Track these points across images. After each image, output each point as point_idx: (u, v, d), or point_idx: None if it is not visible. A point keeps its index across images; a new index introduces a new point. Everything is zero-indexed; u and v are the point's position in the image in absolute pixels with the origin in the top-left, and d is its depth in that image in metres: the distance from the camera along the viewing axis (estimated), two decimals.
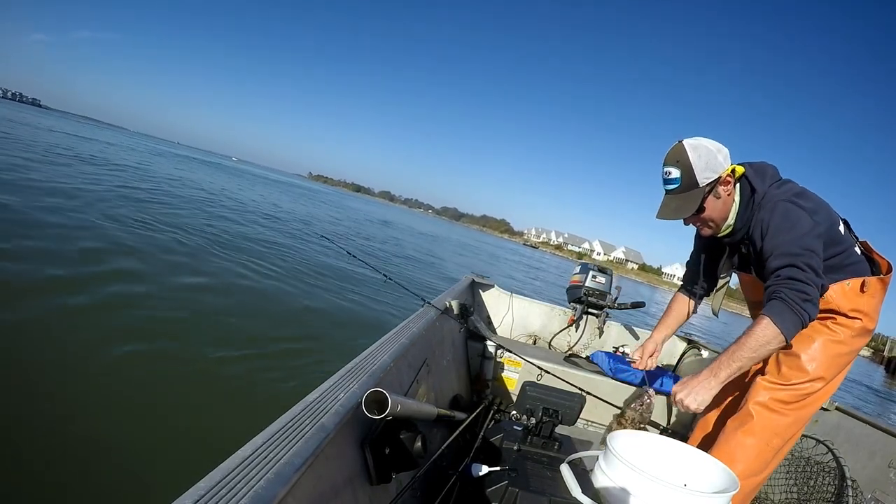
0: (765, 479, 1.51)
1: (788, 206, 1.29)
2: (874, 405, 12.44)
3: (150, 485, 1.98)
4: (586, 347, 2.98)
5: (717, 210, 1.40)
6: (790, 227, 1.27)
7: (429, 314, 1.75)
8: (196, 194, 11.80)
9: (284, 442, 0.68)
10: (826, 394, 1.47)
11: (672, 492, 0.96)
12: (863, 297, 1.41)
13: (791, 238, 1.25)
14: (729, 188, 1.38)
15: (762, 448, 1.44)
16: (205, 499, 0.53)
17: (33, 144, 12.83)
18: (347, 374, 0.97)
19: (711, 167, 1.34)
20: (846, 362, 1.48)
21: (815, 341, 1.45)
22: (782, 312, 1.21)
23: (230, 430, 2.41)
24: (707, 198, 1.37)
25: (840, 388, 1.54)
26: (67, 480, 1.92)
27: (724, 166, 1.36)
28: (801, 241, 1.24)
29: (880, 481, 1.69)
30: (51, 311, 3.20)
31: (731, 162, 1.38)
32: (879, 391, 17.13)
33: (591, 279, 2.83)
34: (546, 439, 1.64)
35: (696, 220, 1.45)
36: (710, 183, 1.35)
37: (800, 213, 1.28)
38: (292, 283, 5.57)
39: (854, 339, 1.45)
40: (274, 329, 4.01)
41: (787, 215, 1.28)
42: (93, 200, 6.76)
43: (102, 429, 2.27)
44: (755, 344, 1.25)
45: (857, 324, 1.44)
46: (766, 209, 1.32)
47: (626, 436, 1.19)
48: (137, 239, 5.46)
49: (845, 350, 1.45)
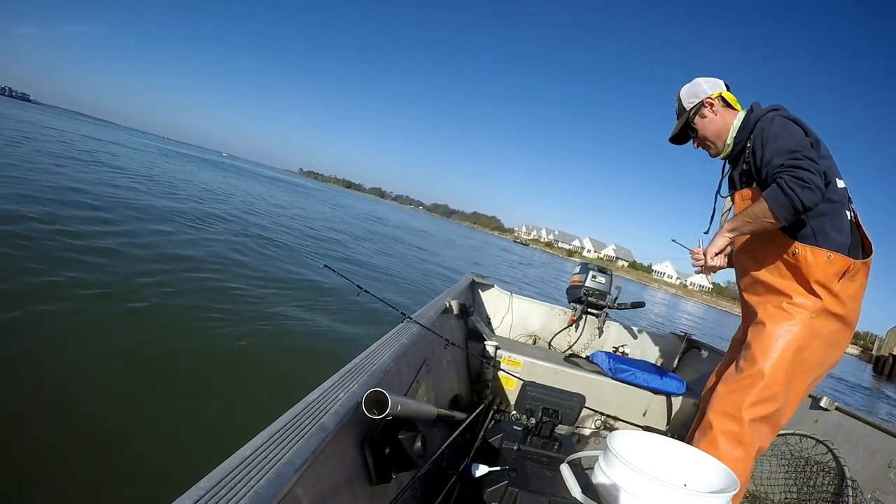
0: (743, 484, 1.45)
1: (785, 120, 1.41)
2: (860, 403, 12.48)
3: (151, 484, 1.98)
4: (586, 347, 2.99)
5: (708, 129, 1.60)
6: (788, 134, 1.37)
7: (429, 314, 1.75)
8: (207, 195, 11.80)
9: (284, 442, 0.68)
10: (784, 384, 1.41)
11: (672, 492, 0.96)
12: (840, 279, 1.39)
13: (788, 141, 1.35)
14: (715, 109, 1.58)
15: (729, 457, 1.39)
16: (205, 499, 0.53)
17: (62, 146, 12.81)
18: (347, 374, 0.97)
19: (694, 93, 1.60)
20: (806, 347, 1.41)
21: (766, 326, 1.44)
22: (776, 194, 1.29)
23: (230, 430, 2.41)
24: (694, 119, 1.61)
25: (825, 386, 1.49)
26: (67, 480, 1.92)
27: (707, 92, 1.58)
28: (799, 142, 1.34)
29: (880, 481, 1.69)
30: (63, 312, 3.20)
31: (724, 91, 1.59)
32: (867, 388, 17.23)
33: (591, 279, 2.83)
34: (546, 439, 1.64)
35: (696, 142, 1.66)
36: (695, 106, 1.59)
37: (795, 127, 1.40)
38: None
39: (815, 322, 1.40)
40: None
41: (785, 125, 1.39)
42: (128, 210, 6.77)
43: (102, 428, 2.27)
44: (751, 214, 1.36)
45: (818, 303, 1.40)
46: (765, 121, 1.44)
47: (626, 436, 1.19)
48: (135, 238, 5.46)
49: (803, 333, 1.40)
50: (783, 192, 1.27)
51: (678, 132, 1.66)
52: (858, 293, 1.44)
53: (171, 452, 2.22)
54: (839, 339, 1.48)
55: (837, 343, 1.48)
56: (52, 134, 19.31)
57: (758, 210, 1.33)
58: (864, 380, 21.62)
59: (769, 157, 1.36)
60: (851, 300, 1.43)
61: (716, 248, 1.47)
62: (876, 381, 24.89)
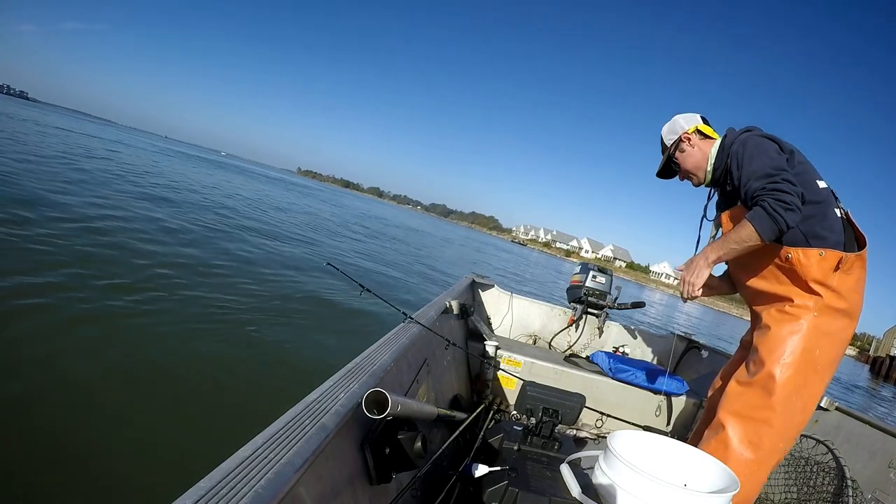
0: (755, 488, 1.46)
1: (757, 139, 1.49)
2: (858, 403, 12.51)
3: (151, 484, 1.98)
4: (586, 347, 2.99)
5: (688, 162, 1.69)
6: (763, 154, 1.43)
7: (429, 314, 1.75)
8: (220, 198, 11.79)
9: (284, 442, 0.67)
10: (797, 386, 1.41)
11: (672, 492, 0.96)
12: (836, 273, 1.40)
13: (763, 162, 1.41)
14: (693, 142, 1.67)
15: (739, 459, 1.40)
16: (205, 499, 0.53)
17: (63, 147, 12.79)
18: (347, 374, 0.97)
19: (672, 130, 1.71)
20: (814, 347, 1.42)
21: (771, 329, 1.46)
22: (760, 216, 1.34)
23: (227, 431, 2.41)
24: (675, 154, 1.71)
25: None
26: (67, 480, 1.92)
27: (684, 128, 1.68)
28: (773, 162, 1.40)
29: (880, 481, 1.68)
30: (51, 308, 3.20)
31: (700, 125, 1.68)
32: (863, 387, 17.31)
33: (592, 279, 2.83)
34: (546, 439, 1.64)
35: (681, 175, 1.74)
36: (674, 142, 1.70)
37: (769, 144, 1.46)
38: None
39: (819, 321, 1.41)
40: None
41: (759, 145, 1.47)
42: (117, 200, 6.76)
43: (102, 429, 2.27)
44: (736, 238, 1.39)
45: (819, 301, 1.41)
46: (738, 143, 1.51)
47: (626, 436, 1.19)
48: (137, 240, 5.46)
49: (809, 333, 1.41)
50: (769, 215, 1.32)
51: (662, 168, 1.78)
52: (858, 285, 1.45)
53: (170, 452, 2.22)
54: (847, 337, 1.48)
55: (845, 340, 1.49)
56: (57, 134, 19.32)
57: (743, 234, 1.37)
58: (862, 379, 21.69)
59: (747, 180, 1.41)
60: (851, 292, 1.44)
61: (700, 280, 1.47)
62: (873, 381, 24.96)
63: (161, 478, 2.01)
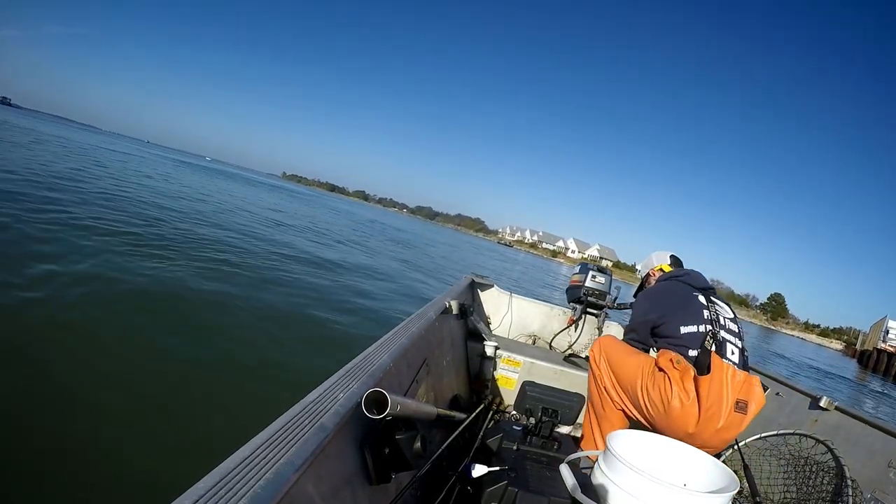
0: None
1: (644, 296, 1.98)
2: (847, 396, 12.55)
3: (151, 484, 1.98)
4: (586, 347, 2.98)
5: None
6: (636, 311, 1.94)
7: (428, 314, 1.75)
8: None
9: (284, 442, 0.67)
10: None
11: (672, 492, 0.96)
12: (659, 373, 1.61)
13: (631, 320, 1.94)
14: (656, 278, 2.11)
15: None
16: (205, 498, 0.53)
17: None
18: (347, 374, 0.97)
19: (647, 266, 2.23)
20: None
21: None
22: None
23: (229, 430, 2.41)
24: (645, 283, 2.20)
25: (813, 379, 1.51)
26: (67, 480, 1.92)
27: (653, 265, 2.19)
28: (635, 322, 1.90)
29: (880, 481, 1.68)
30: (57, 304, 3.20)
31: (664, 264, 2.14)
32: (852, 380, 17.54)
33: (591, 279, 2.83)
34: (545, 439, 1.64)
35: None
36: (644, 275, 2.23)
37: (644, 304, 1.90)
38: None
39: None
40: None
41: (639, 303, 1.96)
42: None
43: (102, 429, 2.27)
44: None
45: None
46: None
47: (625, 436, 1.19)
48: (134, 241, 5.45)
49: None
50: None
51: (638, 290, 2.27)
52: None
53: (171, 452, 2.22)
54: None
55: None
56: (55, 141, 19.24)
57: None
58: (849, 373, 21.99)
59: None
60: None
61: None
62: (861, 373, 25.44)
63: (161, 477, 2.01)
